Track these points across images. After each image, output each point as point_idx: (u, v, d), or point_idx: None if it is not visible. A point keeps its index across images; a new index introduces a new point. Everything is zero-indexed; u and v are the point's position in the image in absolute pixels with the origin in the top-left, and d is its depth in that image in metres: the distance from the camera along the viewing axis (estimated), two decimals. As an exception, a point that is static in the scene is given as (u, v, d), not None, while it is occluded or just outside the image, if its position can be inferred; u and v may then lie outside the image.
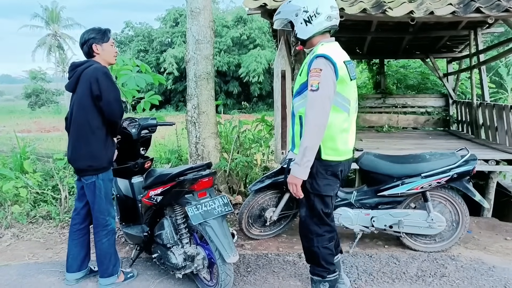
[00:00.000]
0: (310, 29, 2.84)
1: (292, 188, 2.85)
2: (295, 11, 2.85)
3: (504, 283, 3.61)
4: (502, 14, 4.50)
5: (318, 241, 3.04)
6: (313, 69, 2.72)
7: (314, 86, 2.69)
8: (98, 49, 3.37)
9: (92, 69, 3.26)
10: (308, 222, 3.04)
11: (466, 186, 4.14)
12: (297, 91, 2.92)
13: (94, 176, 3.35)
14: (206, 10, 5.51)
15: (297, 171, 2.77)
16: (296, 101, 2.93)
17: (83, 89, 3.25)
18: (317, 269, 3.12)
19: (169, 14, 36.02)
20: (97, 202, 3.41)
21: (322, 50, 2.79)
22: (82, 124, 3.28)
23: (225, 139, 6.57)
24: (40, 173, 5.72)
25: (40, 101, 40.19)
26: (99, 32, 3.39)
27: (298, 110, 2.89)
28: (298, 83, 2.93)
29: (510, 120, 6.24)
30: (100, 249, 3.46)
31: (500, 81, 18.27)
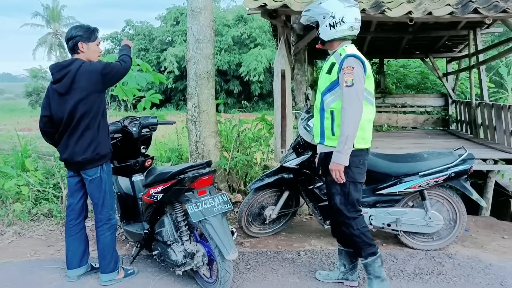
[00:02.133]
0: (332, 33, 3.11)
1: (335, 174, 3.07)
2: (323, 13, 3.10)
3: (500, 280, 3.65)
4: (500, 14, 4.53)
5: (356, 224, 3.25)
6: (346, 67, 3.00)
7: (349, 82, 2.97)
8: (84, 47, 3.40)
9: (90, 64, 3.37)
10: (343, 209, 3.22)
11: (464, 185, 4.17)
12: (328, 88, 3.14)
13: (99, 169, 3.42)
14: (206, 9, 5.55)
15: (340, 158, 3.01)
16: (327, 97, 3.15)
17: (85, 84, 3.29)
18: (368, 249, 3.28)
19: (169, 13, 36.03)
20: (103, 196, 3.46)
21: (350, 50, 3.08)
22: (88, 117, 3.32)
23: (225, 138, 6.61)
24: (41, 171, 5.75)
25: (41, 99, 40.04)
26: (87, 31, 3.42)
27: (330, 106, 3.13)
28: (327, 80, 3.15)
29: (508, 120, 6.27)
30: (103, 243, 3.50)
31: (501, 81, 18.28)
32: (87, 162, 3.40)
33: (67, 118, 3.33)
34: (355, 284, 3.55)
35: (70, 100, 3.30)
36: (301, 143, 4.32)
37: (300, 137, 4.33)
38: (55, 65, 3.42)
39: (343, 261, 3.56)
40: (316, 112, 3.29)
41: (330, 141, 3.16)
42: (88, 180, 3.45)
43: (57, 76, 3.33)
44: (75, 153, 3.38)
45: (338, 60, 3.09)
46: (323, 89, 3.19)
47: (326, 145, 3.19)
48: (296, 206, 4.77)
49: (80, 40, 3.37)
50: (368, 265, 3.30)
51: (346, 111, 2.97)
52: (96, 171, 3.42)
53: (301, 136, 4.31)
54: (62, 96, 3.33)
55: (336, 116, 3.09)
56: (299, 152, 4.33)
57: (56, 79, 3.34)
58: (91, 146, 3.36)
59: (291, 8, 4.64)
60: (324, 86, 3.17)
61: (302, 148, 4.32)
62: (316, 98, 3.30)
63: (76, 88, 3.29)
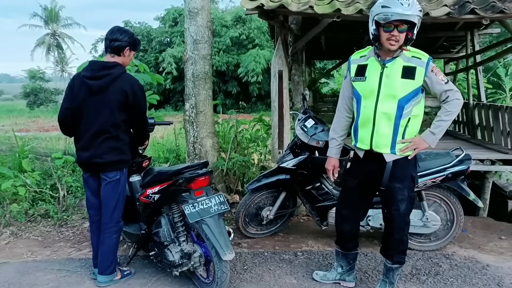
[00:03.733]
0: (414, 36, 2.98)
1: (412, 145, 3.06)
2: (419, 15, 2.91)
3: (497, 281, 3.65)
4: (497, 15, 4.53)
5: (407, 229, 3.28)
6: (435, 68, 3.01)
7: (444, 79, 3.02)
8: (126, 54, 3.45)
9: (131, 79, 3.43)
10: (405, 215, 3.20)
11: (461, 186, 4.17)
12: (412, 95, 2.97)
13: (119, 172, 3.45)
14: (204, 10, 5.54)
15: (431, 140, 3.09)
16: (409, 105, 2.98)
17: (117, 93, 3.31)
18: (401, 257, 3.31)
19: (168, 13, 35.99)
20: (117, 199, 3.48)
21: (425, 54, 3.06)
22: (112, 124, 3.34)
23: (222, 138, 6.61)
24: (38, 172, 5.74)
25: (38, 100, 40.18)
26: (136, 41, 3.50)
27: (411, 113, 3.01)
28: (409, 86, 2.96)
29: (505, 121, 6.28)
30: (108, 245, 3.51)
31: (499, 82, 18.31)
32: (110, 165, 3.42)
33: (95, 118, 3.34)
34: (352, 285, 3.56)
35: (103, 102, 3.32)
36: (298, 143, 4.32)
37: (297, 137, 4.33)
38: (97, 63, 3.44)
39: (341, 262, 3.56)
40: (388, 120, 3.01)
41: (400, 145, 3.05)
42: (106, 182, 3.44)
43: (97, 73, 3.32)
44: (98, 155, 3.38)
45: (420, 64, 2.95)
46: (402, 96, 2.95)
47: (398, 154, 3.05)
48: (293, 207, 4.77)
49: (128, 46, 3.43)
50: (391, 270, 3.32)
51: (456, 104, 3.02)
52: (116, 174, 3.45)
53: (298, 137, 4.30)
54: (95, 94, 3.32)
55: (411, 123, 3.02)
56: (296, 153, 4.33)
57: (94, 76, 3.32)
58: (116, 151, 3.41)
59: (288, 9, 4.64)
60: (405, 92, 2.95)
61: (299, 148, 4.32)
62: (383, 104, 3.00)
63: (110, 91, 3.31)
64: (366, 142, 3.11)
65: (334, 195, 4.33)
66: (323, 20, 5.13)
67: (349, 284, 3.56)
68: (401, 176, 3.11)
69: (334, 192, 4.36)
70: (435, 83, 2.98)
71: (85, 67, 3.42)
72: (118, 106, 3.32)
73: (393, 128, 3.02)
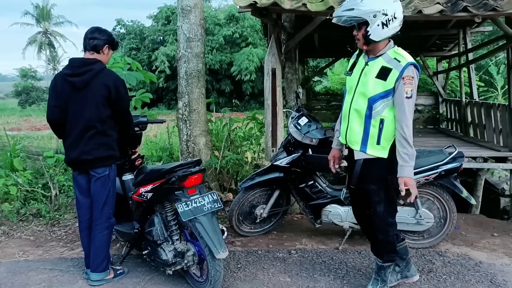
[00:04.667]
0: (385, 33, 2.89)
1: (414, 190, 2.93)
2: (373, 12, 2.83)
3: (490, 278, 3.66)
4: (489, 13, 4.54)
5: (392, 231, 3.23)
6: (406, 77, 2.86)
7: (409, 93, 2.86)
8: (105, 52, 3.50)
9: (112, 74, 3.49)
10: (386, 216, 3.16)
11: (454, 183, 4.18)
12: (380, 96, 2.95)
13: (108, 168, 3.46)
14: (197, 8, 5.52)
15: (411, 172, 2.92)
16: (377, 105, 2.97)
17: (100, 88, 3.34)
18: (391, 256, 3.29)
19: (161, 12, 35.84)
20: (106, 195, 3.48)
21: (409, 57, 2.94)
22: (99, 119, 3.36)
23: (216, 137, 6.59)
24: (30, 171, 5.70)
25: (30, 99, 39.91)
26: (114, 41, 3.58)
27: (381, 114, 2.98)
28: (379, 87, 2.94)
29: (498, 118, 6.32)
30: (100, 241, 3.50)
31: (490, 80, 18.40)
32: (99, 161, 3.43)
33: (80, 114, 3.36)
34: (417, 278, 3.52)
35: (86, 97, 3.34)
36: (292, 141, 4.32)
37: (291, 135, 4.33)
38: (78, 59, 3.47)
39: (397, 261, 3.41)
40: (358, 117, 3.05)
41: (374, 150, 3.02)
42: (95, 178, 3.45)
43: (78, 70, 3.36)
44: (86, 152, 3.39)
45: (396, 67, 2.89)
46: (372, 95, 2.96)
47: (368, 154, 3.04)
48: (287, 205, 4.77)
49: (107, 44, 3.48)
50: (383, 269, 3.31)
51: (406, 123, 2.89)
52: (105, 170, 3.46)
53: (292, 135, 4.30)
54: (79, 91, 3.35)
55: (386, 126, 2.96)
56: (289, 151, 4.33)
57: (75, 72, 3.36)
58: (104, 146, 3.42)
59: (281, 6, 4.63)
60: (375, 92, 2.95)
61: (292, 146, 4.32)
62: (356, 101, 3.06)
63: (92, 87, 3.33)
64: (343, 136, 3.22)
65: (327, 193, 4.34)
66: (316, 18, 5.12)
67: (414, 279, 3.50)
68: (374, 177, 3.09)
69: (328, 190, 4.36)
70: (399, 93, 2.89)
71: (66, 65, 3.47)
72: (102, 101, 3.35)
73: (363, 126, 3.04)
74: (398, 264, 3.42)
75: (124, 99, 3.50)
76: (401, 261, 3.42)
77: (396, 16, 2.86)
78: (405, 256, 3.42)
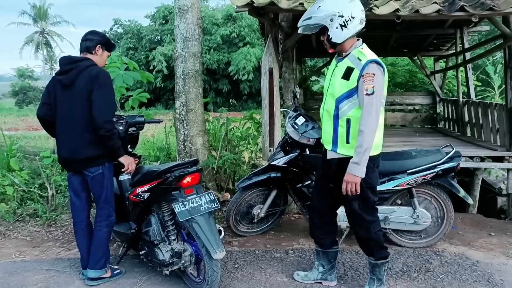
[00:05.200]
0: (346, 33, 2.93)
1: (350, 186, 2.96)
2: (329, 16, 2.90)
3: (487, 277, 3.67)
4: (486, 12, 4.54)
5: (374, 227, 3.22)
6: (366, 74, 2.86)
7: (370, 90, 2.84)
8: (99, 52, 3.48)
9: (97, 68, 3.38)
10: (362, 214, 3.17)
11: (451, 183, 4.19)
12: (345, 96, 2.98)
13: (101, 166, 3.41)
14: (194, 7, 5.52)
15: (358, 170, 2.91)
16: (343, 105, 3.00)
17: (85, 84, 3.28)
18: (381, 253, 3.26)
19: (158, 11, 35.81)
20: (104, 192, 3.46)
21: (370, 55, 2.95)
22: (87, 116, 3.29)
23: (213, 136, 6.58)
24: (27, 171, 5.69)
25: (27, 99, 39.84)
26: (108, 41, 3.57)
27: (347, 114, 2.99)
28: (344, 87, 2.98)
29: (495, 118, 6.32)
30: (99, 238, 3.48)
31: (488, 80, 18.42)
32: (90, 160, 3.38)
33: (69, 112, 3.34)
34: (334, 284, 3.53)
35: (73, 95, 3.32)
36: (289, 141, 4.32)
37: (288, 135, 4.32)
38: (66, 57, 3.45)
39: (322, 261, 3.52)
40: (328, 118, 3.11)
41: (344, 149, 3.04)
42: (90, 177, 3.43)
43: (65, 68, 3.36)
44: (77, 151, 3.36)
45: (358, 65, 2.92)
46: (338, 96, 3.01)
47: (338, 153, 3.08)
48: (284, 205, 4.77)
49: (99, 44, 3.47)
50: (376, 267, 3.29)
51: (367, 122, 2.86)
52: (98, 168, 3.41)
53: (289, 135, 4.30)
54: (66, 89, 3.34)
55: (353, 125, 2.97)
56: (287, 151, 4.32)
57: (62, 70, 3.37)
58: (95, 145, 3.35)
59: (278, 6, 4.62)
60: (340, 92, 2.99)
61: (290, 146, 4.31)
62: (327, 102, 3.13)
63: (78, 84, 3.30)
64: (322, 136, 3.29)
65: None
66: (314, 17, 5.11)
67: (331, 283, 3.52)
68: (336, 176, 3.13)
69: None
70: (360, 91, 2.90)
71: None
72: (87, 97, 3.28)
73: (333, 126, 3.09)
74: (323, 265, 3.52)
75: (99, 87, 3.28)
76: (327, 263, 3.50)
77: (353, 16, 2.90)
78: (332, 260, 3.49)
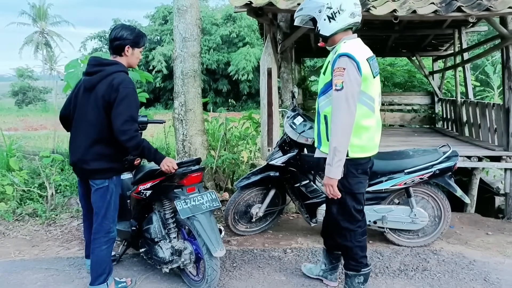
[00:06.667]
0: (334, 26, 2.88)
1: (328, 190, 2.87)
2: (318, 7, 2.87)
3: (484, 276, 3.69)
4: (483, 13, 4.57)
5: (351, 236, 3.08)
6: (336, 68, 2.75)
7: (339, 85, 2.72)
8: (129, 52, 3.22)
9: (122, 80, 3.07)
10: (339, 219, 3.06)
11: (448, 182, 4.21)
12: (322, 91, 2.95)
13: (107, 180, 3.18)
14: (193, 7, 5.54)
15: (330, 171, 2.79)
16: (320, 100, 2.97)
17: (104, 91, 3.05)
18: (352, 264, 3.15)
19: (158, 11, 35.88)
20: (106, 207, 3.21)
21: (344, 49, 2.81)
22: (101, 125, 3.10)
23: (212, 136, 6.61)
24: (26, 171, 5.70)
25: (27, 99, 39.82)
26: (137, 36, 3.25)
27: (324, 110, 2.93)
28: (322, 82, 2.96)
29: (492, 118, 6.34)
30: (98, 256, 3.24)
31: (487, 80, 18.46)
32: (96, 172, 3.17)
33: (84, 117, 3.15)
34: (335, 284, 3.50)
35: (91, 100, 3.11)
36: (287, 141, 4.34)
37: (286, 135, 4.34)
38: (95, 58, 3.26)
39: (324, 260, 3.53)
40: (316, 114, 3.07)
41: (325, 147, 2.94)
42: (94, 188, 3.20)
43: (91, 69, 3.16)
44: (85, 161, 3.15)
45: (332, 59, 2.85)
46: (320, 91, 2.97)
47: (321, 151, 3.00)
48: (283, 204, 4.79)
49: (128, 44, 3.19)
50: (347, 277, 3.21)
51: (334, 119, 2.74)
52: (104, 181, 3.18)
53: (287, 134, 4.32)
54: (86, 92, 3.15)
55: (329, 122, 2.85)
56: (285, 150, 4.34)
57: (88, 71, 3.18)
58: (105, 158, 3.15)
59: (276, 6, 4.64)
60: (320, 87, 2.97)
61: (288, 146, 4.33)
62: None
63: (98, 89, 3.08)
64: None
65: (323, 192, 4.35)
66: (312, 17, 5.14)
67: (331, 283, 3.50)
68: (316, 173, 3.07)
69: (323, 189, 4.37)
70: (333, 84, 2.79)
71: None
72: (104, 106, 3.06)
73: (317, 123, 3.05)
74: (325, 263, 3.49)
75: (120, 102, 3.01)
76: (329, 263, 3.47)
77: (343, 8, 2.83)
78: (334, 261, 3.46)
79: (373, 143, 3.02)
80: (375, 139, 3.03)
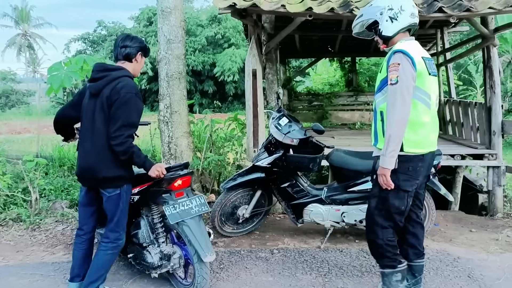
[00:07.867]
0: (396, 26, 2.95)
1: (381, 180, 2.88)
2: (379, 10, 2.97)
3: (468, 273, 3.75)
4: (464, 13, 4.64)
5: (382, 234, 3.04)
6: (391, 64, 2.84)
7: (394, 80, 2.80)
8: (138, 59, 3.28)
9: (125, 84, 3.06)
10: (375, 213, 3.05)
11: (432, 181, 4.25)
12: (378, 88, 3.03)
13: (119, 188, 3.14)
14: (177, 9, 5.52)
15: (384, 161, 2.83)
16: (377, 97, 3.04)
17: (108, 96, 3.02)
18: (386, 261, 3.10)
19: (142, 13, 35.62)
20: (118, 215, 3.16)
21: (400, 46, 2.90)
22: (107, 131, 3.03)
23: (198, 138, 6.59)
24: (10, 175, 5.63)
25: (10, 102, 39.22)
26: (146, 47, 3.37)
27: (380, 106, 2.99)
28: (378, 79, 3.05)
29: (475, 116, 6.44)
30: (101, 260, 3.19)
31: (470, 79, 18.73)
32: (107, 181, 3.10)
33: (91, 124, 3.08)
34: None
35: (97, 106, 3.06)
36: (273, 142, 4.35)
37: (272, 136, 4.36)
38: (100, 65, 3.23)
39: (406, 275, 3.20)
40: (373, 114, 3.13)
41: (381, 143, 2.95)
42: (106, 196, 3.14)
43: (96, 75, 3.13)
44: (96, 168, 3.06)
45: (387, 57, 2.95)
46: (376, 89, 3.08)
47: (378, 148, 3.02)
48: (269, 205, 4.80)
49: (140, 51, 3.27)
50: (384, 275, 3.13)
51: (389, 111, 2.82)
52: (116, 190, 3.13)
53: (273, 135, 4.33)
54: (92, 97, 3.10)
55: (385, 118, 2.89)
56: (271, 151, 4.36)
57: (93, 78, 3.14)
58: (117, 165, 3.08)
59: (260, 7, 4.66)
60: (377, 85, 3.06)
61: (273, 147, 4.35)
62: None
63: (103, 96, 3.04)
64: None
65: (309, 192, 4.38)
66: (296, 18, 5.17)
67: None
68: (374, 171, 3.07)
69: (309, 189, 4.40)
70: (388, 79, 2.87)
71: None
72: (108, 110, 3.03)
73: (374, 120, 3.09)
74: (407, 278, 3.20)
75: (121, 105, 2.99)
76: (412, 277, 3.22)
77: (403, 9, 2.93)
78: (417, 274, 3.22)
79: (429, 140, 3.01)
80: (431, 136, 3.03)
